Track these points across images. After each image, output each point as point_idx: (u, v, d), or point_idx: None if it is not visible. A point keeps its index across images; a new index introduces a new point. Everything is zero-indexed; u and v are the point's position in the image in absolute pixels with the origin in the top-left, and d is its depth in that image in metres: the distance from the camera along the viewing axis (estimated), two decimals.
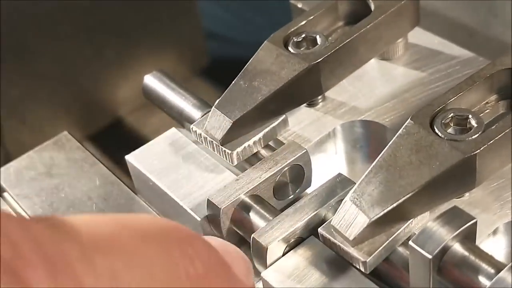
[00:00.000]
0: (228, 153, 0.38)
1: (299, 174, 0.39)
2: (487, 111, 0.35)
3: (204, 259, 0.26)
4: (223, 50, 0.90)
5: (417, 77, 0.43)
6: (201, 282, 0.25)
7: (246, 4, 0.91)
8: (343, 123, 0.41)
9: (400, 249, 0.32)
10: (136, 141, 0.63)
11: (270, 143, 0.40)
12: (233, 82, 0.39)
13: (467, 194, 0.36)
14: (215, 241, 0.30)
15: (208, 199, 0.36)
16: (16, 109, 0.77)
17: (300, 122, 0.42)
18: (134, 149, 0.41)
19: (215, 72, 0.86)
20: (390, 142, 0.33)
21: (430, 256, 0.28)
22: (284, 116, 0.39)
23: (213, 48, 0.88)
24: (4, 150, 0.74)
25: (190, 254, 0.26)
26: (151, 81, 0.45)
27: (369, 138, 0.42)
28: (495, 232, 0.34)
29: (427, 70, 0.43)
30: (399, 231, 0.32)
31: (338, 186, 0.35)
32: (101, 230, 0.23)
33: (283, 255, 0.34)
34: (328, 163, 0.42)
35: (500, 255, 0.35)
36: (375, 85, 0.43)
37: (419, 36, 0.45)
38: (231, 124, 0.37)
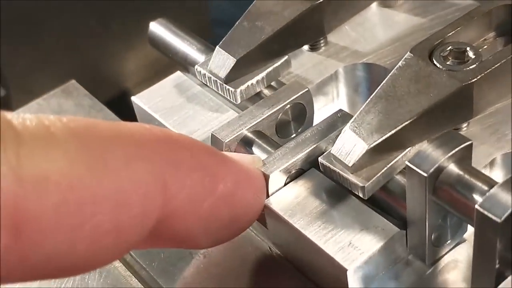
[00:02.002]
0: (231, 91, 0.39)
1: (301, 113, 0.39)
2: (485, 47, 0.36)
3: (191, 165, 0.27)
4: None
5: (418, 23, 0.44)
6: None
7: None
8: (345, 65, 0.42)
9: (398, 177, 0.33)
10: None
11: (273, 84, 0.41)
12: (236, 23, 0.40)
13: (464, 128, 0.36)
14: (233, 156, 0.32)
15: (212, 134, 0.37)
16: (24, 81, 0.78)
17: (303, 65, 0.43)
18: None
19: None
20: (390, 74, 0.34)
21: (425, 175, 0.29)
22: (286, 56, 0.40)
23: (220, 35, 0.88)
24: None
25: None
26: (157, 28, 0.45)
27: (371, 81, 0.42)
28: (492, 163, 0.35)
29: (427, 16, 0.44)
30: (397, 158, 0.33)
31: (339, 121, 0.36)
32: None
33: (285, 185, 0.35)
34: (330, 106, 0.43)
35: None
36: (377, 30, 0.44)
37: None
38: (234, 62, 0.38)
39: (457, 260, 0.33)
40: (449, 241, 0.33)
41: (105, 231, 0.23)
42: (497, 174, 0.35)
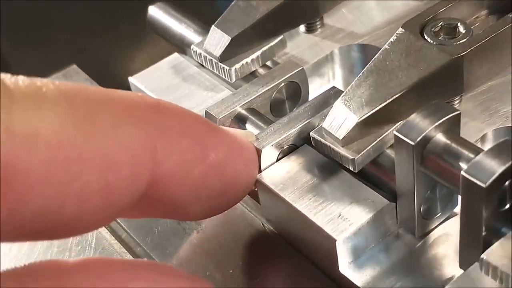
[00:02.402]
0: (226, 69, 0.39)
1: (295, 92, 0.40)
2: (477, 24, 0.36)
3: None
4: None
5: (414, 5, 0.44)
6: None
7: None
8: (341, 46, 0.42)
9: (389, 151, 0.33)
10: None
11: (268, 63, 0.41)
12: (232, 3, 0.40)
13: (456, 104, 0.36)
14: (225, 128, 0.32)
15: (206, 111, 0.37)
16: (51, 65, 0.78)
17: (299, 46, 0.43)
18: None
19: None
20: (381, 49, 0.34)
21: (413, 143, 0.29)
22: (282, 36, 0.41)
23: None
24: None
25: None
26: (155, 12, 0.46)
27: (366, 62, 0.42)
28: (483, 138, 0.35)
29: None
30: (387, 132, 0.33)
31: (332, 97, 0.36)
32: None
33: (277, 161, 0.35)
34: (325, 87, 0.43)
35: None
36: (373, 13, 0.44)
37: None
38: (229, 40, 0.39)
39: (447, 234, 0.33)
40: (439, 214, 0.33)
41: (93, 190, 0.23)
42: None
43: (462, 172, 0.27)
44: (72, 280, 0.23)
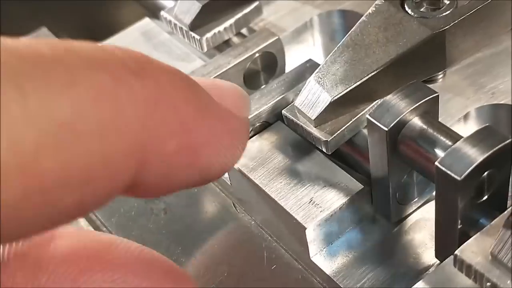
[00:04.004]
0: (197, 38, 0.37)
1: (271, 63, 0.37)
2: None
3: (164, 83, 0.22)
4: None
5: None
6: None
7: None
8: (320, 13, 0.40)
9: (365, 131, 0.31)
10: None
11: (244, 31, 0.39)
12: None
13: (440, 78, 0.34)
14: (199, 79, 0.27)
15: None
16: (19, 28, 0.76)
17: (277, 11, 0.40)
18: None
19: None
20: (359, 21, 0.32)
21: (386, 129, 0.27)
22: (257, 2, 0.38)
23: None
24: None
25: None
26: None
27: (347, 29, 0.40)
28: (466, 116, 0.33)
29: None
30: (363, 112, 0.31)
31: (307, 71, 0.34)
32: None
33: (249, 139, 0.33)
34: (306, 55, 0.41)
35: None
36: None
37: None
38: (200, 8, 0.36)
39: (425, 219, 0.31)
40: (416, 199, 0.31)
41: None
42: (472, 128, 0.34)
43: (437, 163, 0.25)
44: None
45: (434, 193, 0.31)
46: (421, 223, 0.31)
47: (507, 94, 0.33)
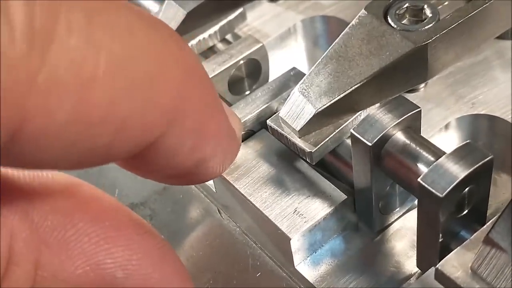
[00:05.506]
0: None
1: (255, 69, 0.38)
2: (446, 3, 0.34)
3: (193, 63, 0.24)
4: None
5: None
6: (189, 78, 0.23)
7: None
8: (304, 18, 0.40)
9: (348, 141, 0.32)
10: None
11: (228, 37, 0.39)
12: None
13: (422, 88, 0.35)
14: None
15: None
16: None
17: (261, 16, 0.41)
18: None
19: None
20: (342, 33, 0.32)
21: (370, 144, 0.28)
22: (241, 9, 0.38)
23: None
24: None
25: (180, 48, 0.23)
26: None
27: (330, 34, 0.41)
28: (447, 126, 0.34)
29: None
30: (346, 123, 0.31)
31: (292, 80, 0.35)
32: None
33: None
34: (289, 60, 0.41)
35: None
36: None
37: None
38: (185, 15, 0.36)
39: (406, 227, 0.32)
40: (397, 209, 0.32)
41: None
42: (452, 137, 0.34)
43: (419, 180, 0.26)
44: None
45: (415, 202, 0.32)
46: (403, 231, 0.32)
47: (486, 104, 0.34)
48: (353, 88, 0.31)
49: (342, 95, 0.31)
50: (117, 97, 0.20)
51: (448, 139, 0.34)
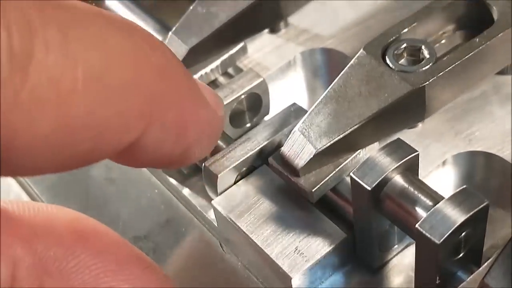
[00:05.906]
0: None
1: (256, 102, 0.38)
2: (443, 41, 0.35)
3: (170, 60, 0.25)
4: None
5: (382, 4, 0.42)
6: (166, 77, 0.24)
7: None
8: (303, 51, 0.41)
9: (348, 179, 0.32)
10: None
11: (230, 70, 0.40)
12: (190, 8, 0.38)
13: (420, 124, 0.36)
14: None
15: None
16: None
17: (261, 49, 0.41)
18: None
19: None
20: (342, 73, 0.33)
21: (369, 188, 0.28)
22: (243, 43, 0.39)
23: None
24: None
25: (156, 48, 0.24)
26: (112, 4, 0.44)
27: (330, 66, 0.41)
28: (444, 162, 0.34)
29: None
30: (346, 161, 0.32)
31: (292, 115, 0.35)
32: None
33: (235, 183, 0.34)
34: (289, 91, 0.42)
35: (448, 186, 0.35)
36: (339, 11, 0.43)
37: None
38: (187, 50, 0.37)
39: (403, 264, 0.33)
40: (396, 246, 0.32)
41: None
42: (450, 173, 0.35)
43: (417, 226, 0.27)
44: None
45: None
46: (400, 267, 0.33)
47: (483, 141, 0.34)
48: (352, 129, 0.31)
49: (341, 136, 0.31)
50: (95, 106, 0.21)
51: (446, 175, 0.35)
